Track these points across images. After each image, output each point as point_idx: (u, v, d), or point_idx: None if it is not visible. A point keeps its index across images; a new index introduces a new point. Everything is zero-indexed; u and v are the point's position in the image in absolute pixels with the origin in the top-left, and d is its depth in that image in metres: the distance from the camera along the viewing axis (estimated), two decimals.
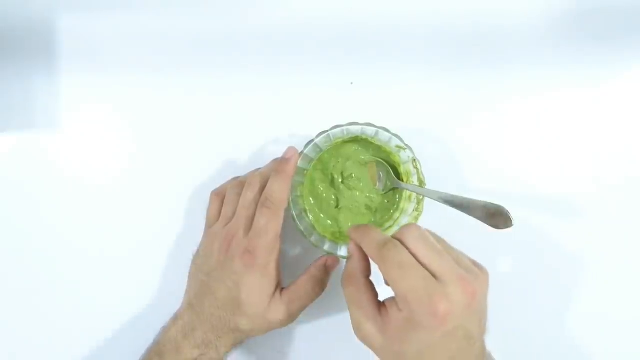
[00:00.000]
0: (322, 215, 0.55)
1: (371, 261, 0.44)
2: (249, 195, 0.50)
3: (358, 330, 0.42)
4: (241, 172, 0.55)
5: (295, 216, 0.52)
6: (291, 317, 0.50)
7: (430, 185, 0.52)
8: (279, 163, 0.50)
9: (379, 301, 0.42)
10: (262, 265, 0.48)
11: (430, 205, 0.51)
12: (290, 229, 0.53)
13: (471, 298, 0.37)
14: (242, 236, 0.49)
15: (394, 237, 0.41)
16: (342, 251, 0.53)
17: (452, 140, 0.57)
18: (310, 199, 0.55)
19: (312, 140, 0.52)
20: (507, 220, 0.43)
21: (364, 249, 0.43)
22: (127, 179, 0.58)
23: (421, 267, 0.38)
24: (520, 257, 0.57)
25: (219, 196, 0.54)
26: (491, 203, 0.44)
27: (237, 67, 0.58)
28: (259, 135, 0.57)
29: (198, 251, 0.53)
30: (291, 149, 0.51)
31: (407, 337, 0.38)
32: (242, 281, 0.48)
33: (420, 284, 0.37)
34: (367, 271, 0.44)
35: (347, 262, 0.45)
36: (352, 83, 0.58)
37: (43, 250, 0.57)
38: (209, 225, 0.53)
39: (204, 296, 0.49)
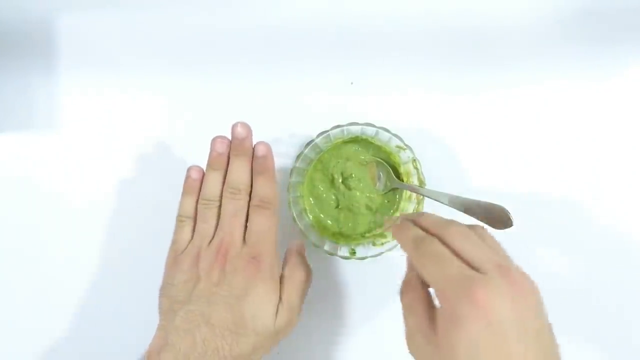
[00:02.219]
0: (322, 215, 0.55)
1: None
2: (240, 203, 0.47)
3: (410, 342, 0.37)
4: None
5: (295, 216, 0.52)
6: (296, 312, 0.47)
7: (430, 185, 0.52)
8: (258, 163, 0.48)
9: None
10: (269, 269, 0.45)
11: (430, 206, 0.51)
12: (290, 229, 0.53)
13: (516, 289, 0.33)
14: (240, 246, 0.46)
15: (430, 232, 0.38)
16: (342, 251, 0.53)
17: (452, 140, 0.57)
18: (310, 199, 0.55)
19: (312, 141, 0.53)
20: (507, 220, 0.43)
21: (402, 247, 0.40)
22: (126, 179, 0.57)
23: (458, 258, 0.35)
24: (520, 257, 0.56)
25: (189, 218, 0.49)
26: (491, 203, 0.44)
27: (237, 67, 0.58)
28: (259, 135, 0.57)
29: (170, 283, 0.46)
30: (262, 144, 0.49)
31: (451, 338, 0.33)
32: (249, 294, 0.44)
33: (457, 273, 0.34)
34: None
35: (407, 270, 0.41)
36: (352, 83, 0.58)
37: (42, 251, 0.57)
38: (178, 251, 0.48)
39: (194, 330, 0.43)
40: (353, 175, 0.54)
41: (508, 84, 0.58)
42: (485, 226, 0.44)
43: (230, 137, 0.49)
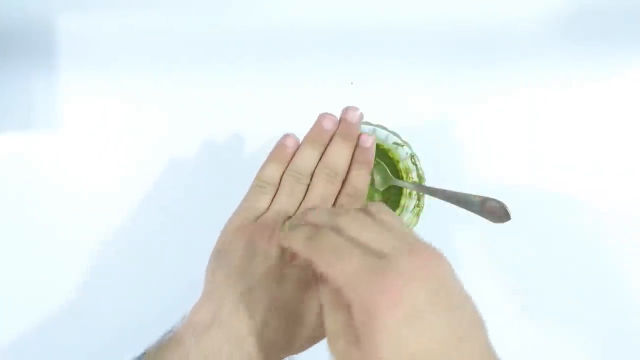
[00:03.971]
0: None
1: None
2: (333, 188, 0.43)
3: (331, 343, 0.33)
4: (241, 172, 0.55)
5: None
6: None
7: (429, 181, 0.52)
8: (361, 153, 0.45)
9: None
10: None
11: (431, 201, 0.50)
12: None
13: (422, 267, 0.30)
14: None
15: (326, 226, 0.34)
16: None
17: (451, 138, 0.57)
18: None
19: None
20: (505, 214, 0.43)
21: (294, 249, 0.35)
22: (126, 179, 0.57)
23: (358, 248, 0.31)
24: (519, 251, 0.56)
25: (271, 186, 0.44)
26: (489, 197, 0.44)
27: (236, 67, 0.58)
28: (259, 135, 0.57)
29: (233, 250, 0.41)
30: (370, 137, 0.45)
31: (373, 337, 0.29)
32: None
33: (359, 263, 0.31)
34: None
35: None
36: (352, 83, 0.58)
37: (42, 251, 0.57)
38: (249, 218, 0.42)
39: (254, 312, 0.38)
40: None
41: (507, 82, 0.58)
42: (485, 220, 0.45)
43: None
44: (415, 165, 0.52)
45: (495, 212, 0.43)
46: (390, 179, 0.53)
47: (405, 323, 0.29)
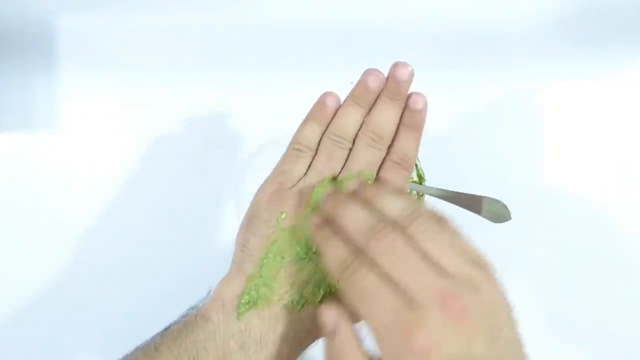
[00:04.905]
0: None
1: None
2: (378, 154, 0.39)
3: None
4: (240, 171, 0.55)
5: None
6: None
7: (429, 181, 0.52)
8: (411, 116, 0.39)
9: None
10: None
11: (431, 201, 0.50)
12: None
13: (459, 318, 0.27)
14: None
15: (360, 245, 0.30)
16: None
17: (451, 137, 0.57)
18: None
19: None
20: (505, 214, 0.43)
21: (326, 263, 0.31)
22: (127, 179, 0.58)
23: (390, 291, 0.28)
24: (519, 251, 0.57)
25: (310, 150, 0.39)
26: (489, 197, 0.44)
27: (236, 67, 0.58)
28: (258, 135, 0.57)
29: (267, 220, 0.37)
30: (421, 96, 0.39)
31: None
32: None
33: (389, 313, 0.27)
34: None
35: (330, 338, 0.31)
36: (352, 83, 0.58)
37: (42, 251, 0.57)
38: (285, 184, 0.38)
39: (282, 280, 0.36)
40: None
41: (507, 82, 0.58)
42: (485, 220, 0.44)
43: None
44: (416, 165, 0.52)
45: (495, 212, 0.43)
46: None
47: None
